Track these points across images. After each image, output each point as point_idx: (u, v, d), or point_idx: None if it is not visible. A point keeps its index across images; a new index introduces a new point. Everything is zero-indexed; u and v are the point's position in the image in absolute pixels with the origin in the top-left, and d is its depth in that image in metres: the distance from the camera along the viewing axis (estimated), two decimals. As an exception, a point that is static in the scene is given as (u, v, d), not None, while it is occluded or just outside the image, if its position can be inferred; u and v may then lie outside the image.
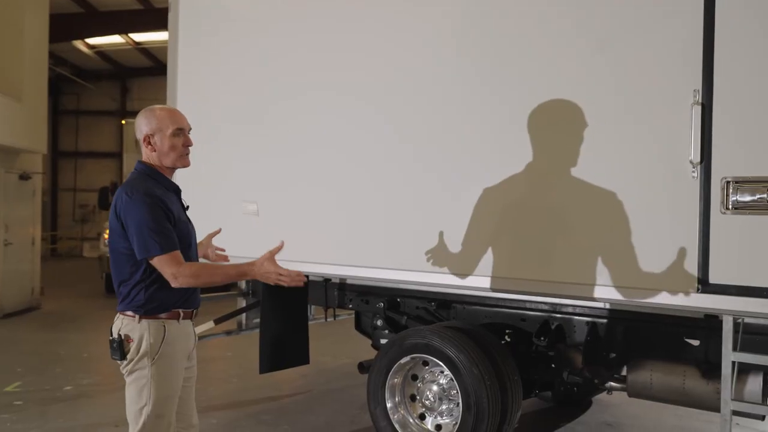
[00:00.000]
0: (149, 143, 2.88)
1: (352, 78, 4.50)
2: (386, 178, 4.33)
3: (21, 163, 11.53)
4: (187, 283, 2.72)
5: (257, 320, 5.70)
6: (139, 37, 18.72)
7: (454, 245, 3.98)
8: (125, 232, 2.75)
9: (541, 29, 3.74)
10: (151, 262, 2.73)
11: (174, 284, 2.72)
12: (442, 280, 4.10)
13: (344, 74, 4.54)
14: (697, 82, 3.22)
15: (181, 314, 2.86)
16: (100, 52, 20.51)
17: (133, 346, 2.77)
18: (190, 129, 2.97)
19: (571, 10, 3.65)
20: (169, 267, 2.70)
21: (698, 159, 3.21)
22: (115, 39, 18.84)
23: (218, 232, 3.45)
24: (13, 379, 6.74)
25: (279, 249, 2.83)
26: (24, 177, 11.53)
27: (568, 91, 3.62)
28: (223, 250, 3.48)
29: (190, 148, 2.96)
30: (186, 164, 2.97)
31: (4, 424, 5.33)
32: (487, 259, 3.90)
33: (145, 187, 2.78)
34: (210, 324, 5.95)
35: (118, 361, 2.82)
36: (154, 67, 20.76)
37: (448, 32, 4.11)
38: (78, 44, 19.09)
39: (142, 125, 2.89)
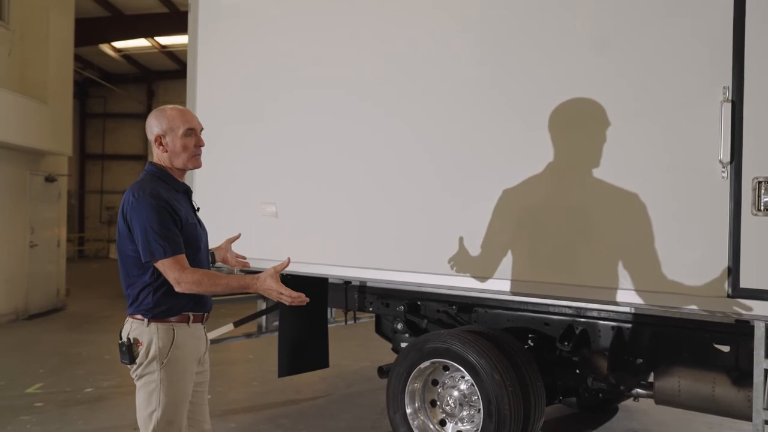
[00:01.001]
0: (160, 144, 2.83)
1: (368, 84, 4.43)
2: (405, 179, 4.25)
3: (46, 166, 11.65)
4: (189, 289, 2.66)
5: (277, 323, 5.65)
6: (164, 40, 18.89)
7: (476, 248, 3.89)
8: (132, 234, 2.71)
9: (561, 26, 3.64)
10: (155, 265, 2.68)
11: (177, 289, 2.67)
12: (463, 283, 4.00)
13: (362, 81, 4.47)
14: (727, 79, 3.10)
15: (191, 318, 2.81)
16: (127, 55, 20.73)
17: (142, 350, 2.72)
18: (202, 129, 2.92)
19: (593, 4, 3.54)
20: (172, 272, 2.65)
21: (728, 158, 3.08)
22: (141, 42, 19.02)
23: (238, 237, 3.38)
24: (35, 380, 6.77)
25: (284, 266, 2.73)
26: (49, 179, 11.65)
27: (590, 90, 3.51)
28: (244, 257, 3.42)
29: (202, 148, 2.90)
30: (197, 165, 2.91)
31: (23, 426, 5.33)
32: (509, 262, 3.80)
33: (152, 189, 2.73)
34: (230, 326, 5.92)
35: (128, 365, 2.78)
36: (179, 70, 20.89)
37: (462, 34, 4.02)
38: (105, 48, 19.30)
39: (153, 125, 2.84)
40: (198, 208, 3.01)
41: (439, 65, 4.09)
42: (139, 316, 2.75)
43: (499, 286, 3.82)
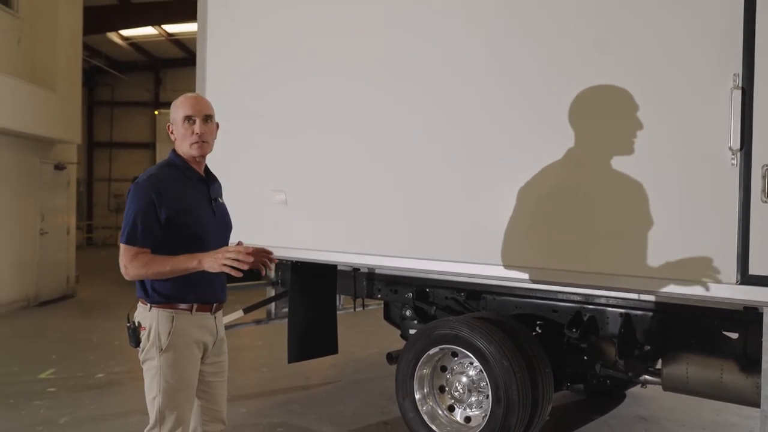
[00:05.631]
0: (172, 132, 2.90)
1: (376, 71, 4.44)
2: (414, 166, 4.25)
3: (56, 154, 11.70)
4: (137, 274, 2.73)
5: (287, 309, 5.68)
6: (171, 28, 18.91)
7: (485, 235, 3.90)
8: None
9: (570, 14, 3.62)
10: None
11: (126, 277, 2.75)
12: (472, 270, 4.01)
13: (370, 68, 4.47)
14: (737, 66, 3.08)
15: (195, 306, 2.81)
16: (134, 43, 20.75)
17: (144, 335, 2.77)
18: (209, 116, 2.87)
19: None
20: (123, 258, 2.73)
21: (738, 145, 3.07)
22: (149, 30, 19.03)
23: None
24: (47, 366, 6.85)
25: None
26: (59, 167, 11.70)
27: (599, 77, 3.50)
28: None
29: (207, 135, 2.84)
30: (201, 152, 2.86)
31: (37, 411, 5.40)
32: (518, 249, 3.81)
33: (153, 173, 2.80)
34: (239, 313, 5.96)
35: (135, 348, 2.83)
36: (187, 57, 20.89)
37: (472, 24, 4.01)
38: (112, 36, 19.32)
39: (170, 114, 2.91)
40: (215, 198, 2.96)
41: (449, 55, 4.08)
42: (144, 301, 2.81)
43: (508, 273, 3.84)
